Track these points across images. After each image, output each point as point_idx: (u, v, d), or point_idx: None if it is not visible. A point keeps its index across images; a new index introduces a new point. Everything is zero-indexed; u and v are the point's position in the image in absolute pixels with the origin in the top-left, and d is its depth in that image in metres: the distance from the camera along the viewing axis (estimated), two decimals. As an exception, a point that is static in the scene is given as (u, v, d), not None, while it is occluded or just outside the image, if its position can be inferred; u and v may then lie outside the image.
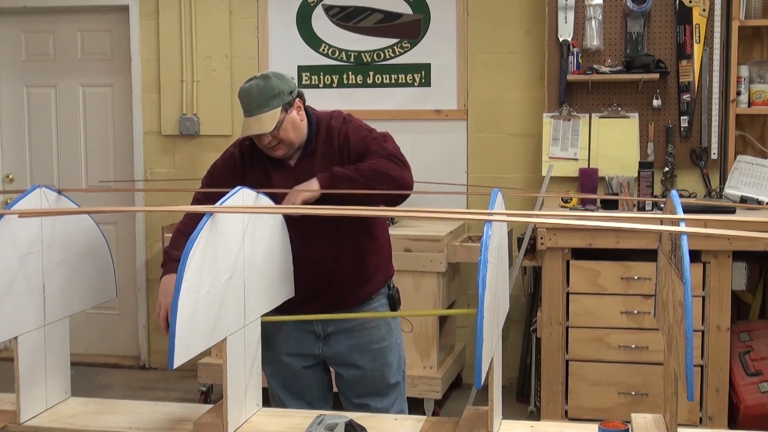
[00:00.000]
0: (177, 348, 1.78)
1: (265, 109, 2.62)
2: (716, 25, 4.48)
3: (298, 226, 2.49)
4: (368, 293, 2.81)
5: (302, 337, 2.80)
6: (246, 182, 2.46)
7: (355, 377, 2.82)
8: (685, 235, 1.68)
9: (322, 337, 2.80)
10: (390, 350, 2.84)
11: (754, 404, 4.03)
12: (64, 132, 5.55)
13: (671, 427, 1.99)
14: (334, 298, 2.75)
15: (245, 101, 2.67)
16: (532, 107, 4.86)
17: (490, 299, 1.82)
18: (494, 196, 2.02)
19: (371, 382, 2.82)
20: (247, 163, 2.77)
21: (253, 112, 2.63)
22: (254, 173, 2.74)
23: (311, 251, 2.66)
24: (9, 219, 2.06)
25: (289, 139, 2.66)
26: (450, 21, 4.94)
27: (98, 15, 5.42)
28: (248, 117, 2.64)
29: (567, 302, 4.10)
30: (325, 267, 2.70)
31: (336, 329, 2.79)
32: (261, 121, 2.61)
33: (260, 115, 2.62)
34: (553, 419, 4.07)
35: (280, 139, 2.65)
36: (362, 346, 2.79)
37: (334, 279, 2.73)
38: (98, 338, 5.55)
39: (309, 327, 2.79)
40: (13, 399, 2.21)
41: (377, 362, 2.81)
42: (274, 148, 2.66)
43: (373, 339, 2.80)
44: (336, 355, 2.81)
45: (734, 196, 4.34)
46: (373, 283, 2.81)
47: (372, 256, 2.79)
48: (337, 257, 2.71)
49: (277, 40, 5.15)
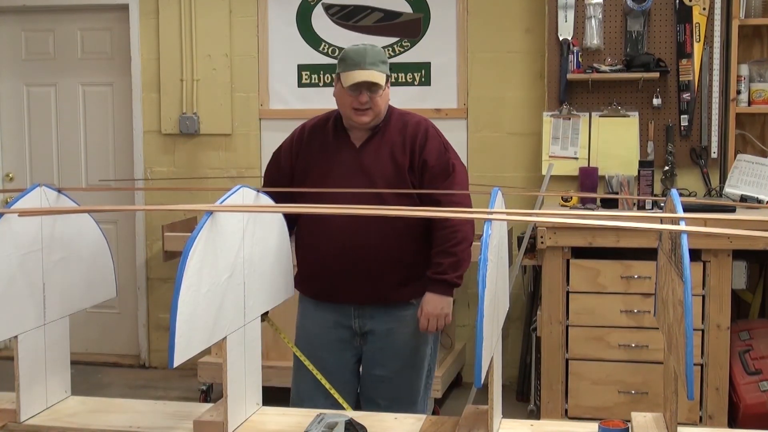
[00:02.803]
0: (177, 347, 1.78)
1: (378, 68, 2.70)
2: (716, 24, 4.48)
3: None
4: (408, 295, 2.79)
5: (340, 333, 2.81)
6: (309, 161, 2.70)
7: (381, 378, 2.81)
8: (685, 234, 1.68)
9: (359, 333, 2.81)
10: (422, 360, 2.83)
11: (754, 403, 4.02)
12: (64, 131, 5.55)
13: (671, 426, 1.99)
14: (373, 290, 2.74)
15: (358, 55, 2.70)
16: (532, 106, 4.86)
17: (490, 298, 1.82)
18: (494, 195, 2.02)
19: (396, 387, 2.81)
20: (314, 139, 2.82)
21: (366, 66, 2.68)
22: (319, 149, 2.79)
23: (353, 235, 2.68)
24: (9, 218, 2.06)
25: (378, 109, 2.72)
26: (450, 20, 4.93)
27: (98, 14, 5.42)
28: (358, 70, 2.68)
29: (567, 301, 4.10)
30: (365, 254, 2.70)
31: (373, 328, 2.79)
32: (373, 75, 2.68)
33: (372, 71, 2.68)
34: (553, 418, 4.07)
35: (375, 104, 2.71)
36: (395, 350, 2.79)
37: (372, 267, 2.72)
38: (98, 337, 5.55)
39: (347, 322, 2.80)
40: (13, 398, 2.21)
41: (406, 368, 2.81)
42: (364, 112, 2.70)
43: (407, 345, 2.80)
44: (369, 353, 2.81)
45: (734, 195, 4.34)
46: (415, 287, 2.78)
47: (416, 257, 2.77)
48: (379, 246, 2.71)
49: (277, 39, 5.15)
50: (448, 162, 2.78)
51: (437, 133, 2.82)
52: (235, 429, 2.09)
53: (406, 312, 2.79)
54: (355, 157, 2.75)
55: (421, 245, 2.77)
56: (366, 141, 2.77)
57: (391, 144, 2.75)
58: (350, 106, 2.72)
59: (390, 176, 2.72)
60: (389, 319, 2.78)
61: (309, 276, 2.82)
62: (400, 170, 2.73)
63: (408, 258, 2.76)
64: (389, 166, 2.73)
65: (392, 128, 2.78)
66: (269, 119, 5.19)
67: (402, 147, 2.75)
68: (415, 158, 2.74)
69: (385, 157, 2.74)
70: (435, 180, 2.74)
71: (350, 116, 2.74)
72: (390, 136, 2.77)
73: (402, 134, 2.76)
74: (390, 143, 2.75)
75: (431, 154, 2.75)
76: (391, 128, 2.78)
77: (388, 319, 2.78)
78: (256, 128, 5.21)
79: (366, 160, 2.74)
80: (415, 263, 2.77)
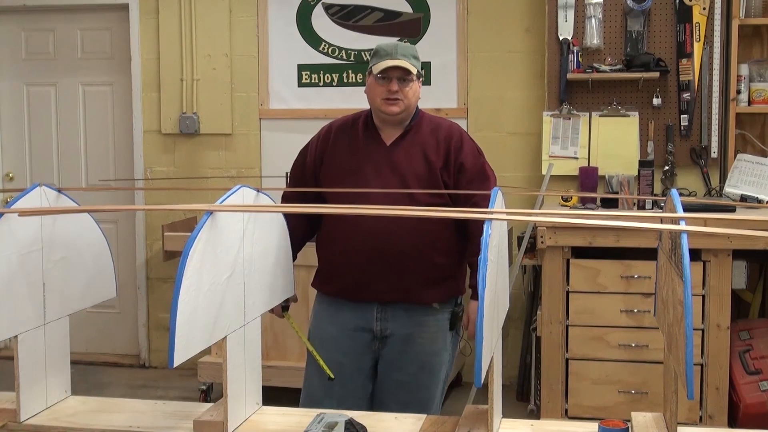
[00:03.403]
0: (177, 346, 1.78)
1: (409, 60, 2.71)
2: (716, 24, 4.48)
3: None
4: (431, 298, 2.76)
5: (359, 335, 2.78)
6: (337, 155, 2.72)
7: (398, 383, 2.79)
8: (685, 233, 1.68)
9: (379, 337, 2.78)
10: (440, 366, 2.81)
11: (754, 403, 4.03)
12: (64, 131, 5.55)
13: (671, 426, 1.99)
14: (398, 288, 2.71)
15: (390, 47, 2.73)
16: (532, 106, 4.86)
17: (490, 298, 1.82)
18: (494, 195, 2.02)
19: (411, 392, 2.78)
20: (340, 139, 2.82)
21: (397, 56, 2.70)
22: (347, 148, 2.79)
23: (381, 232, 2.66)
24: (9, 218, 2.06)
25: (409, 101, 2.73)
26: (450, 20, 4.94)
27: (98, 13, 5.42)
28: (389, 59, 2.70)
29: (567, 301, 4.10)
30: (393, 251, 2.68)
31: (394, 331, 2.76)
32: (405, 64, 2.70)
33: (404, 61, 2.70)
34: (553, 418, 4.07)
35: (404, 95, 2.71)
36: (413, 355, 2.76)
37: (399, 264, 2.69)
38: (98, 337, 5.55)
39: (367, 324, 2.77)
40: (13, 397, 2.21)
41: (423, 374, 2.78)
42: (394, 101, 2.70)
43: (426, 350, 2.77)
44: (387, 357, 2.79)
45: (734, 195, 4.34)
46: (439, 290, 2.76)
47: (443, 258, 2.74)
48: (407, 244, 2.68)
49: (277, 39, 5.15)
50: (483, 166, 2.80)
51: (470, 137, 2.84)
52: (235, 429, 2.09)
53: (427, 317, 2.76)
54: (387, 155, 2.74)
55: (449, 246, 2.75)
56: (397, 139, 2.77)
57: (423, 143, 2.75)
58: (380, 96, 2.71)
59: (422, 174, 2.71)
60: (410, 324, 2.75)
61: (332, 274, 2.80)
62: (433, 168, 2.72)
63: (435, 258, 2.73)
64: (421, 164, 2.72)
65: (424, 128, 2.78)
66: (269, 119, 5.19)
67: (436, 147, 2.74)
68: (451, 159, 2.73)
69: (418, 156, 2.73)
70: (471, 183, 2.73)
71: (380, 107, 2.72)
72: (422, 136, 2.77)
73: (435, 135, 2.76)
74: (422, 143, 2.75)
75: (468, 158, 2.75)
76: (423, 128, 2.78)
77: (409, 323, 2.75)
78: (256, 128, 5.22)
79: (397, 157, 2.73)
80: (442, 265, 2.74)
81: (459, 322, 2.84)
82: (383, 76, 2.71)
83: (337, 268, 2.79)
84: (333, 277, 2.81)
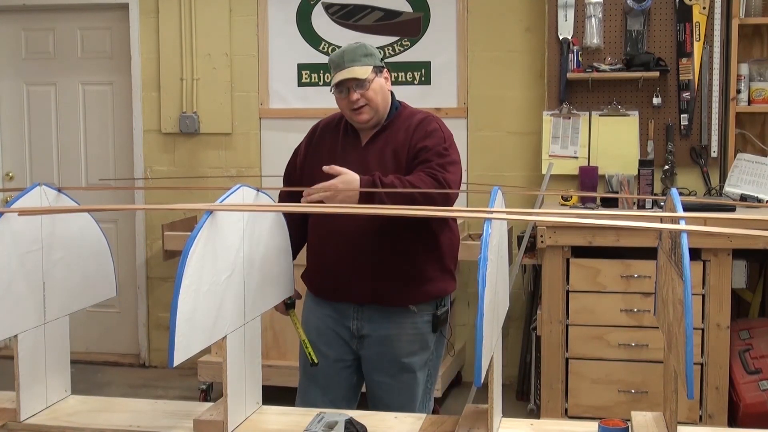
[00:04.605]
0: (177, 346, 1.78)
1: (358, 63, 2.67)
2: (716, 23, 4.48)
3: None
4: (405, 299, 2.72)
5: (339, 331, 2.77)
6: (319, 155, 2.70)
7: (380, 385, 2.78)
8: (685, 233, 1.69)
9: (356, 336, 2.76)
10: (421, 366, 2.78)
11: (754, 402, 4.03)
12: (64, 130, 5.55)
13: (671, 425, 1.99)
14: (371, 291, 2.69)
15: (337, 57, 2.70)
16: (532, 105, 4.86)
17: (490, 297, 1.82)
18: (494, 194, 2.02)
19: (396, 393, 2.77)
20: (324, 138, 2.82)
21: (345, 65, 2.67)
22: (328, 149, 2.78)
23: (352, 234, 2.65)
24: (9, 217, 2.06)
25: (375, 103, 2.69)
26: (450, 19, 4.93)
27: (98, 13, 5.42)
28: (338, 71, 2.68)
29: (567, 300, 4.10)
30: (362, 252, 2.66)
31: (370, 332, 2.74)
32: (353, 71, 2.66)
33: (353, 67, 2.66)
34: (553, 417, 4.07)
35: (368, 100, 2.68)
36: (392, 356, 2.75)
37: (370, 267, 2.67)
38: (98, 336, 5.55)
39: (345, 322, 2.76)
40: (13, 397, 2.21)
41: (404, 375, 2.76)
42: (360, 110, 2.68)
43: (404, 351, 2.75)
44: (366, 357, 2.78)
45: (734, 194, 4.34)
46: (414, 291, 2.72)
47: (420, 259, 2.71)
48: (378, 245, 2.65)
49: (277, 38, 5.15)
50: (446, 149, 2.69)
51: (442, 127, 2.75)
52: (235, 428, 2.09)
53: (404, 320, 2.73)
54: (361, 155, 2.72)
55: (424, 248, 2.72)
56: (370, 139, 2.75)
57: (394, 140, 2.72)
58: (346, 108, 2.71)
59: (391, 172, 2.67)
60: (388, 325, 2.73)
61: (313, 273, 2.83)
62: (400, 164, 2.69)
63: (409, 260, 2.70)
64: (391, 162, 2.69)
65: (399, 125, 2.74)
66: (269, 118, 5.19)
67: (404, 141, 2.70)
68: (413, 146, 2.68)
69: (389, 154, 2.70)
70: (428, 160, 2.65)
71: (350, 118, 2.73)
72: (394, 132, 2.73)
73: (406, 129, 2.72)
74: (394, 140, 2.72)
75: (429, 141, 2.68)
76: (397, 125, 2.74)
77: (386, 325, 2.73)
78: (256, 127, 5.22)
79: (371, 157, 2.71)
80: (417, 267, 2.71)
81: (443, 324, 2.81)
82: (340, 90, 2.69)
83: (316, 269, 2.81)
84: (313, 276, 2.83)
